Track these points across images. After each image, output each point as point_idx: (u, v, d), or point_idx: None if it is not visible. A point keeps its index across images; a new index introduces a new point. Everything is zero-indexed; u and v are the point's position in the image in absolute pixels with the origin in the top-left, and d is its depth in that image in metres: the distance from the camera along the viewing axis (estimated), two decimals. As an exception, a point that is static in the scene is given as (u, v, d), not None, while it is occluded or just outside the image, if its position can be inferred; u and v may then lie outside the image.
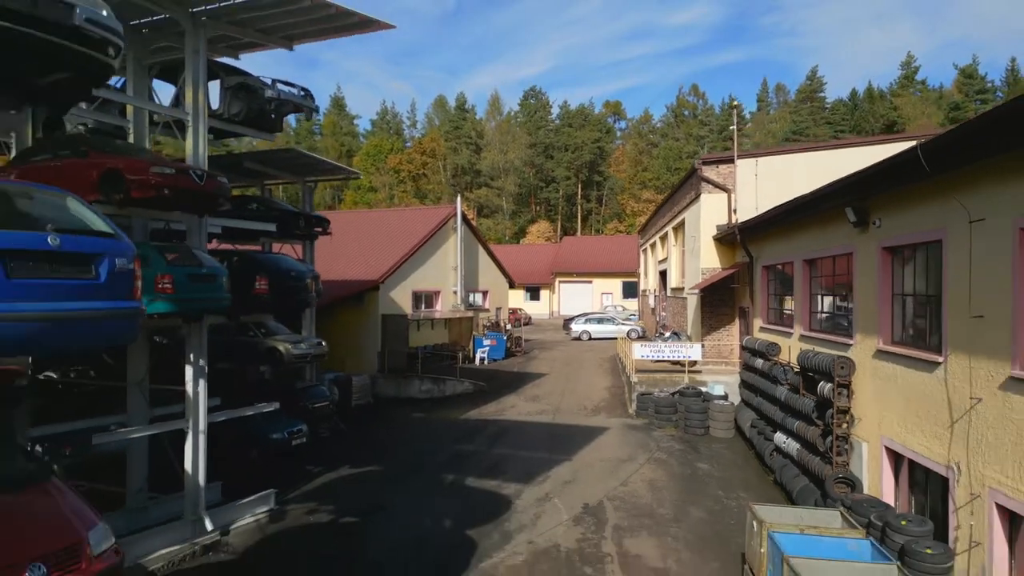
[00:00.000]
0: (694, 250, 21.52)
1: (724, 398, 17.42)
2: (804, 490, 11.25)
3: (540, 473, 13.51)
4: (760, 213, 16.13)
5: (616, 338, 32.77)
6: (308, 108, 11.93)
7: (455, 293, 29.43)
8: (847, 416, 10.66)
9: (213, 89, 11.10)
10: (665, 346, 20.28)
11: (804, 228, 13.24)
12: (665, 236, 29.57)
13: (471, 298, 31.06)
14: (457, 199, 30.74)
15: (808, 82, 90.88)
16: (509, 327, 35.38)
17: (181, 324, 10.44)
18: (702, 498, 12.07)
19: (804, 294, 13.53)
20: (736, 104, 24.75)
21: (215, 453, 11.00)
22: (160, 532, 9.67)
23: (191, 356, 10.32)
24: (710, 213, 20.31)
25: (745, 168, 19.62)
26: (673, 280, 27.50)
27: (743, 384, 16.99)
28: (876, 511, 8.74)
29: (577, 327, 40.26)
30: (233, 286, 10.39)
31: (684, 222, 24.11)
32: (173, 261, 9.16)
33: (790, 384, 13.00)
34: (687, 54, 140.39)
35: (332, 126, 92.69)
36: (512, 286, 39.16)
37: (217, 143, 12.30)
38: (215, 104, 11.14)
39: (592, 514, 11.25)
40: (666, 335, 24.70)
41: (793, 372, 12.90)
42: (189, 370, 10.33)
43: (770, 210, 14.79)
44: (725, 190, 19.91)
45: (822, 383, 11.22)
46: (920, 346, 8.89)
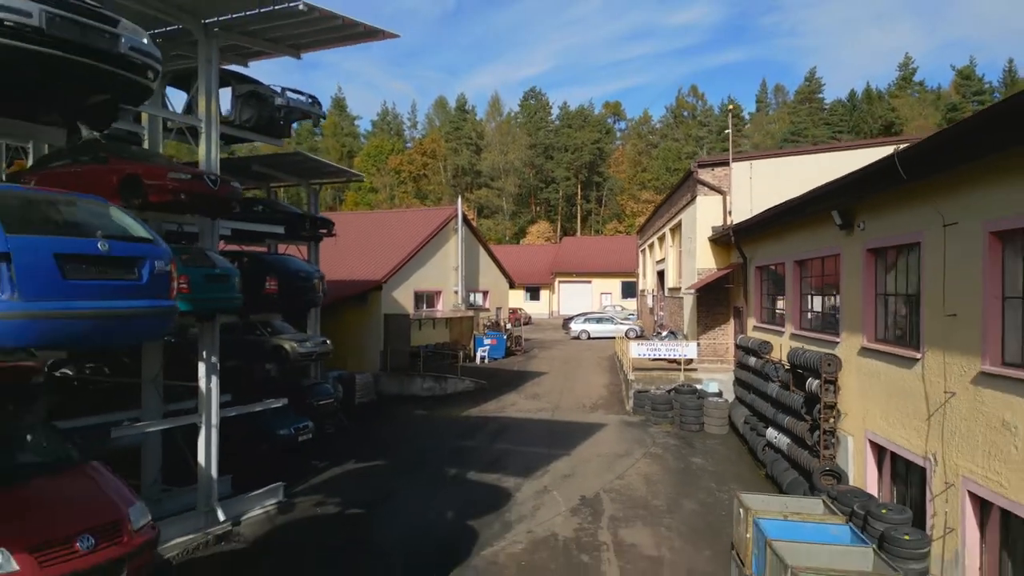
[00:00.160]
0: (690, 251, 21.94)
1: (719, 395, 17.84)
2: (794, 483, 11.69)
3: (539, 467, 13.93)
4: (753, 215, 16.56)
5: (615, 337, 33.18)
6: (316, 115, 12.37)
7: (456, 293, 29.87)
8: (834, 411, 11.09)
9: (224, 97, 11.52)
10: (662, 345, 20.73)
11: (795, 230, 13.67)
12: (663, 237, 29.98)
13: (472, 298, 31.51)
14: (458, 200, 31.18)
15: (807, 83, 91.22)
16: (509, 326, 35.81)
17: (193, 323, 10.87)
18: (695, 491, 12.50)
19: (795, 294, 13.95)
20: (732, 108, 25.18)
21: (225, 448, 11.40)
22: (175, 522, 10.06)
23: (204, 353, 10.73)
24: (706, 215, 20.73)
25: (740, 171, 20.04)
26: (671, 280, 27.92)
27: (737, 382, 17.43)
28: (859, 501, 9.17)
29: (576, 327, 40.68)
30: (244, 286, 10.82)
31: (681, 223, 24.53)
32: (188, 262, 9.57)
33: (781, 381, 13.42)
34: (687, 54, 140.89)
35: (333, 127, 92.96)
36: (512, 286, 39.59)
37: (225, 147, 12.71)
38: (226, 111, 11.56)
39: (589, 506, 11.68)
40: (663, 334, 25.13)
41: (784, 369, 13.32)
42: (202, 367, 10.73)
43: (763, 212, 15.22)
44: (720, 192, 20.34)
45: (810, 379, 11.66)
46: (901, 343, 9.32)
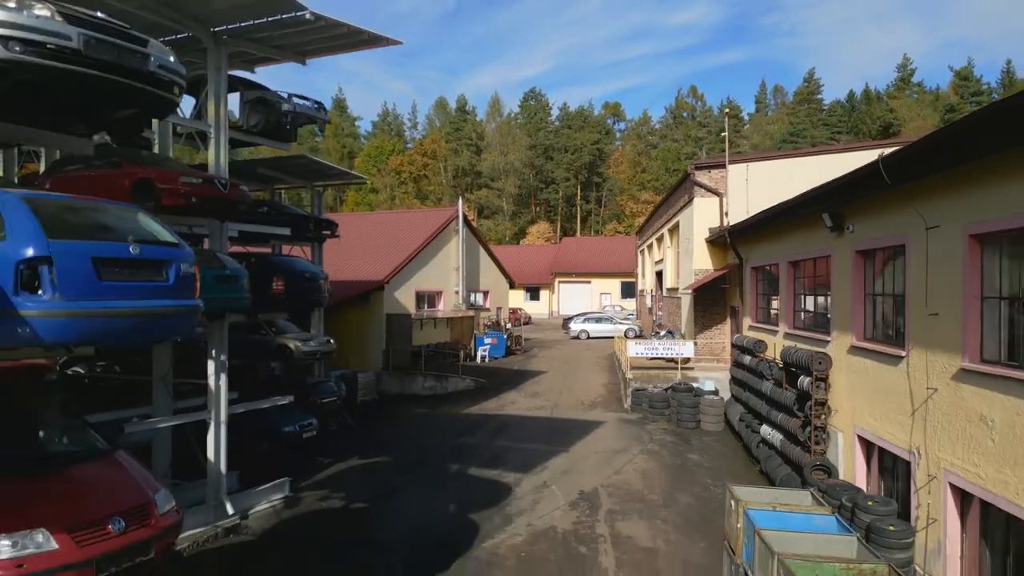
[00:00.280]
0: (688, 251, 22.28)
1: (715, 393, 18.16)
2: (786, 478, 12.02)
3: (539, 463, 14.26)
4: (749, 217, 16.89)
5: (614, 337, 33.50)
6: (321, 120, 12.70)
7: (457, 293, 30.20)
8: (824, 408, 11.41)
9: (233, 102, 11.85)
10: (659, 344, 21.07)
11: (788, 232, 13.99)
12: (661, 238, 30.32)
13: (472, 298, 31.85)
14: (459, 202, 31.52)
15: (805, 84, 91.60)
16: (509, 326, 36.15)
17: (202, 322, 11.18)
18: (691, 486, 12.82)
19: (788, 294, 14.28)
20: (728, 111, 25.55)
21: (232, 444, 11.71)
22: (185, 515, 10.32)
23: (213, 352, 11.06)
24: (703, 216, 21.07)
25: (736, 173, 20.38)
26: (669, 280, 28.25)
27: (733, 380, 17.75)
28: (847, 494, 9.51)
29: (576, 326, 41.00)
30: (252, 287, 11.14)
31: (679, 224, 24.87)
32: (198, 264, 9.88)
33: (775, 379, 13.74)
34: (687, 54, 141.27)
35: (334, 127, 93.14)
36: (512, 286, 39.93)
37: (232, 151, 13.04)
38: (235, 116, 11.89)
39: (587, 500, 12.01)
40: (661, 333, 25.46)
41: (777, 368, 13.64)
42: (211, 365, 11.05)
43: (758, 214, 15.55)
44: (717, 194, 20.67)
45: (802, 377, 11.98)
46: (887, 342, 9.65)
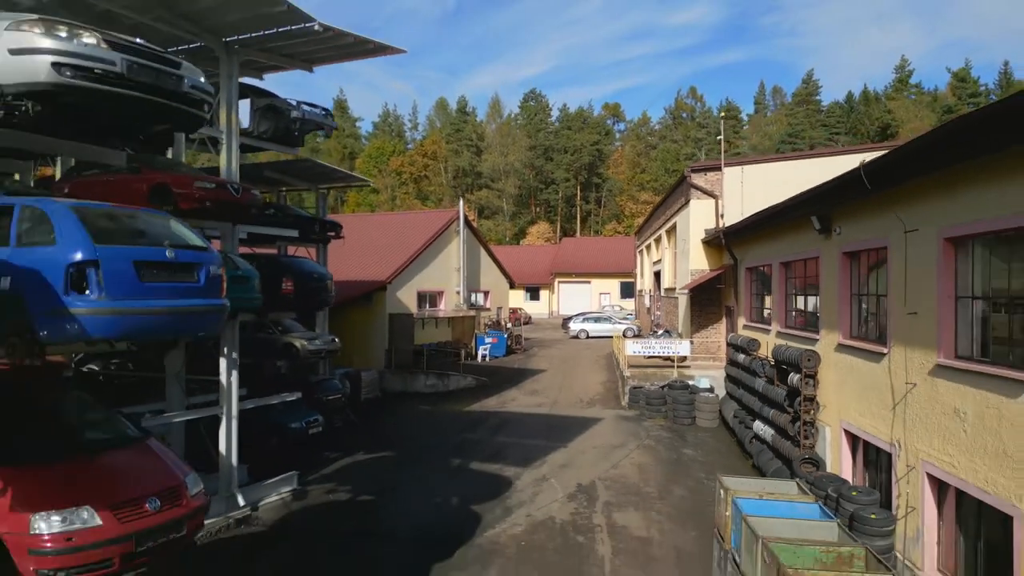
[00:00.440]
0: (684, 252, 22.72)
1: (710, 391, 18.60)
2: (777, 471, 12.45)
3: (538, 458, 14.70)
4: (743, 219, 17.33)
5: (613, 336, 33.92)
6: (328, 127, 13.13)
7: (458, 293, 30.65)
8: (813, 403, 11.85)
9: (244, 109, 12.29)
10: (656, 343, 21.50)
11: (780, 234, 14.43)
12: (659, 239, 30.76)
13: (473, 298, 32.29)
14: (460, 203, 31.95)
15: (804, 85, 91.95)
16: (510, 326, 36.58)
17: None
18: (685, 479, 13.27)
19: (780, 293, 14.72)
20: (724, 115, 25.99)
21: (241, 439, 12.13)
22: (201, 505, 10.85)
23: (225, 349, 11.49)
24: (699, 218, 21.50)
25: (731, 176, 20.82)
26: (666, 280, 28.69)
27: (728, 378, 18.20)
28: (833, 485, 9.93)
29: (575, 326, 41.40)
30: (262, 287, 11.58)
31: (676, 226, 25.31)
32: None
33: (767, 376, 14.18)
34: (687, 54, 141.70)
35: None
36: (512, 286, 40.36)
37: (241, 155, 13.51)
38: (245, 123, 12.33)
39: (585, 492, 12.45)
40: (658, 333, 25.90)
41: (769, 365, 14.08)
42: (223, 362, 11.48)
43: (751, 216, 16.00)
44: (713, 196, 21.11)
45: (792, 374, 12.42)
46: (871, 340, 10.10)
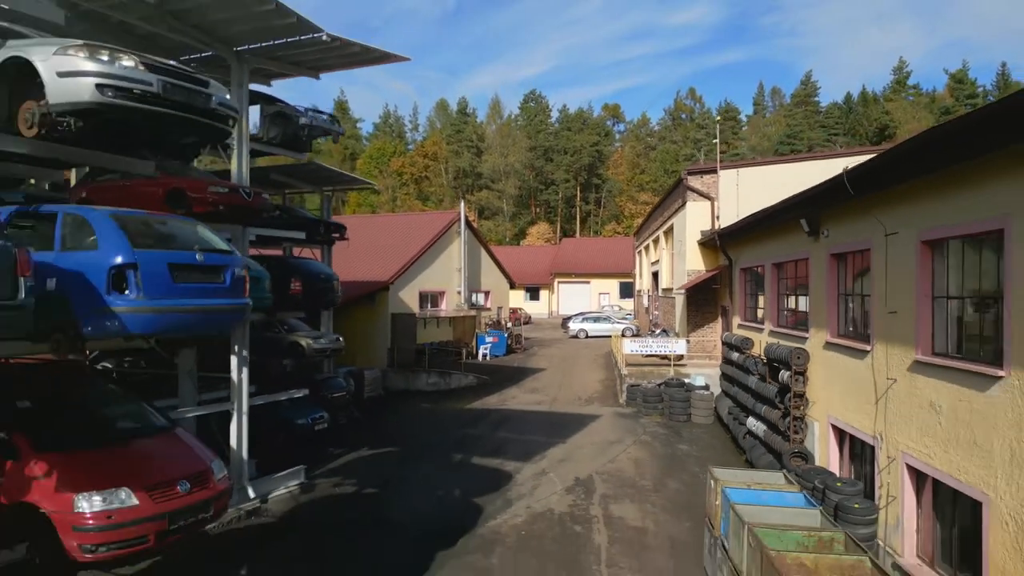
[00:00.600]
0: (681, 253, 23.16)
1: (705, 388, 19.03)
2: (768, 465, 12.86)
3: (538, 453, 15.14)
4: (737, 220, 17.77)
5: (611, 336, 34.35)
6: (335, 132, 13.57)
7: (459, 293, 31.10)
8: (802, 399, 12.29)
9: (253, 115, 12.72)
10: (653, 342, 21.95)
11: (772, 235, 14.87)
12: (657, 240, 31.19)
13: (474, 298, 32.75)
14: (461, 205, 32.41)
15: (803, 86, 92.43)
16: (510, 325, 37.01)
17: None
18: (680, 473, 13.71)
19: (773, 293, 15.16)
20: (720, 119, 26.41)
21: (250, 436, 12.55)
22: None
23: (235, 347, 11.92)
24: (695, 219, 21.94)
25: (727, 178, 21.26)
26: (664, 281, 29.12)
27: (723, 376, 18.63)
28: (820, 477, 10.36)
29: (575, 326, 41.82)
30: (272, 287, 12.02)
31: (673, 227, 25.75)
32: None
33: (759, 374, 14.61)
34: (687, 54, 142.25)
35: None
36: (513, 286, 40.81)
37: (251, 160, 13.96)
38: (255, 129, 12.76)
39: (582, 485, 12.89)
40: (656, 332, 26.34)
41: (762, 363, 14.52)
42: (234, 360, 11.90)
43: (745, 218, 16.44)
44: (709, 198, 21.55)
45: (783, 371, 12.85)
46: (856, 338, 10.53)
